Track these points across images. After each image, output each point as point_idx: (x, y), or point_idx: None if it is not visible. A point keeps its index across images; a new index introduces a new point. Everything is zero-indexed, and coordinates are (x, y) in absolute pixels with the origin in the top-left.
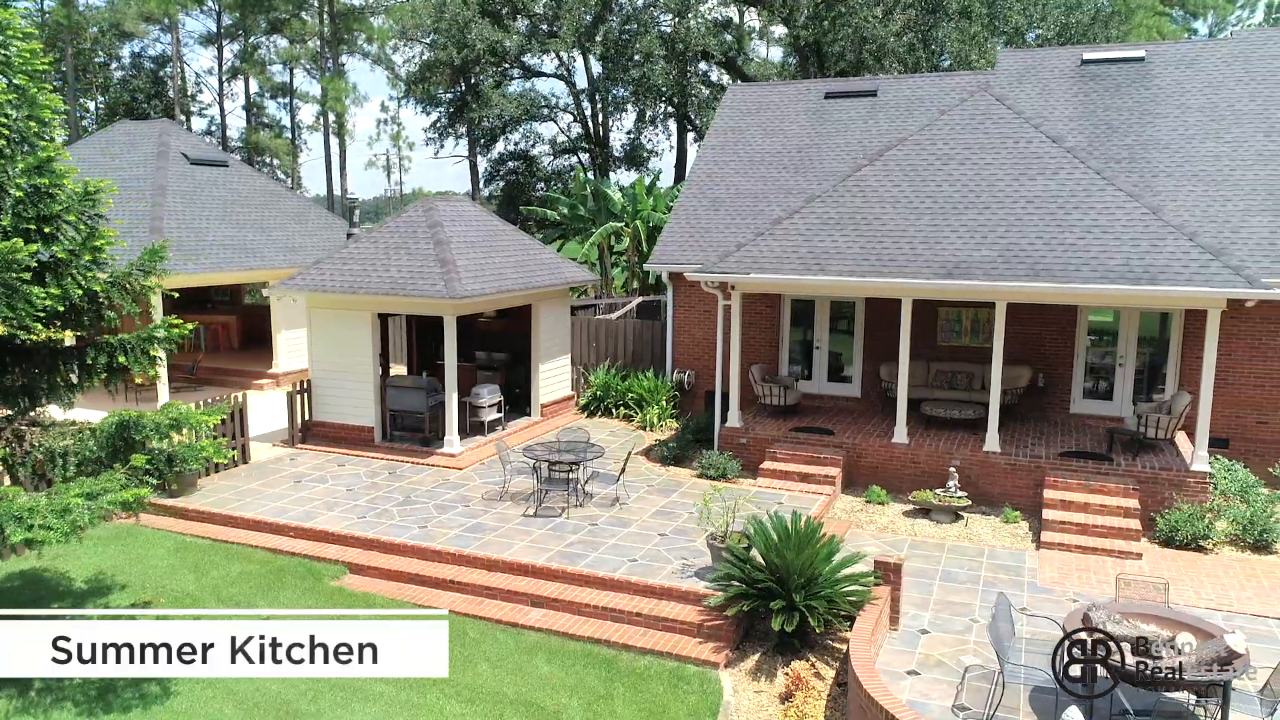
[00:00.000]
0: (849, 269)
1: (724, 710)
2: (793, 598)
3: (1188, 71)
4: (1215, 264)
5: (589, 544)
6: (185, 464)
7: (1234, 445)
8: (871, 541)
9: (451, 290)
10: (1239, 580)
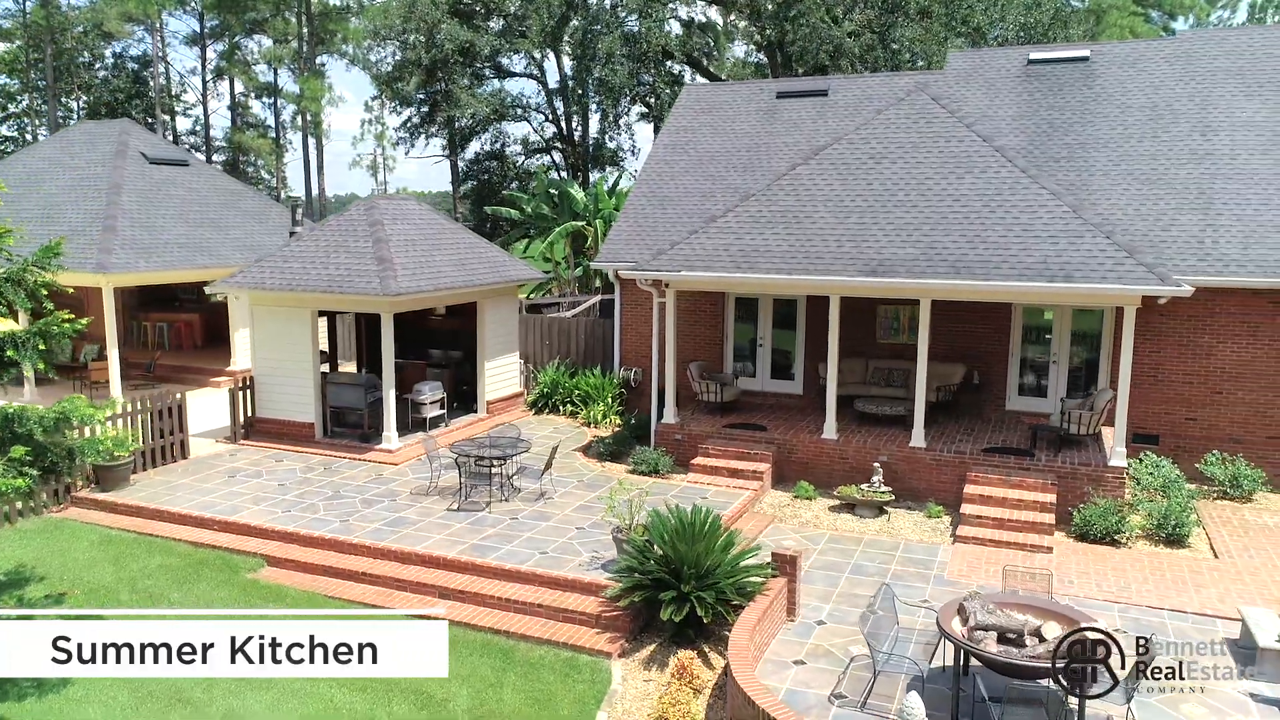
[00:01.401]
0: (777, 267)
1: (609, 698)
2: (682, 588)
3: (1130, 71)
4: (1130, 261)
5: (505, 537)
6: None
7: (1164, 442)
8: (791, 536)
9: (386, 287)
10: (1144, 573)
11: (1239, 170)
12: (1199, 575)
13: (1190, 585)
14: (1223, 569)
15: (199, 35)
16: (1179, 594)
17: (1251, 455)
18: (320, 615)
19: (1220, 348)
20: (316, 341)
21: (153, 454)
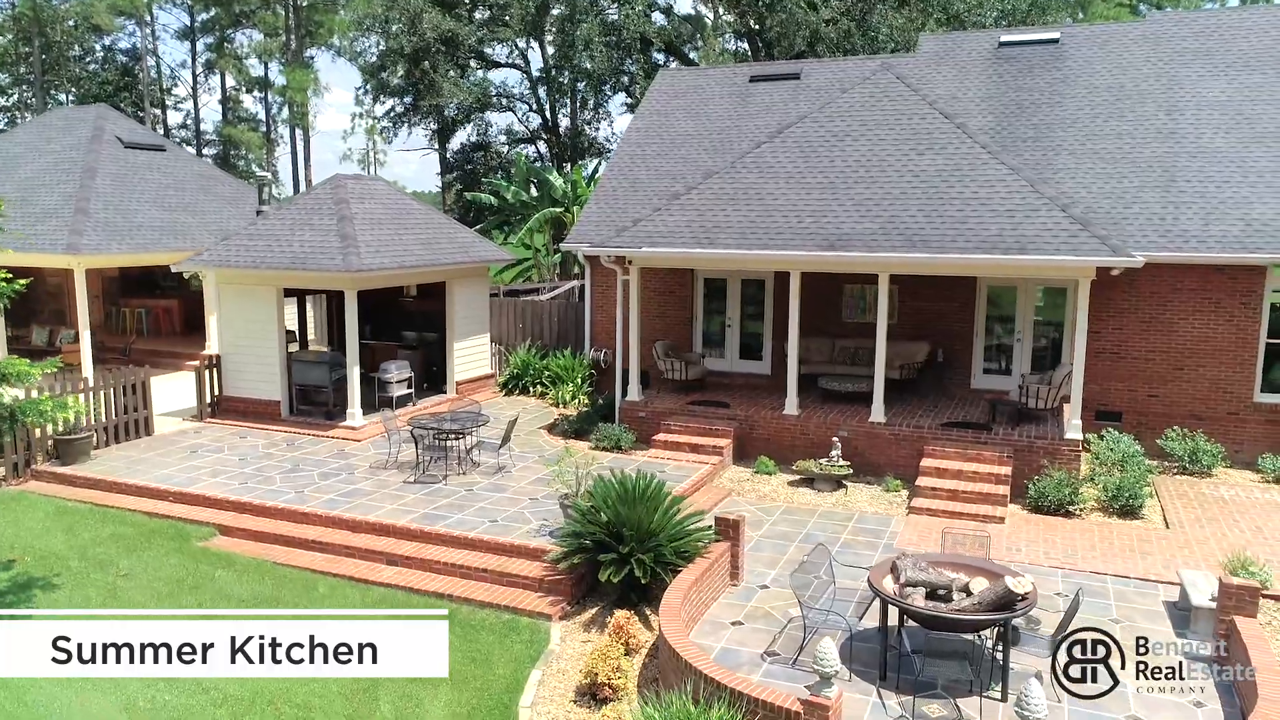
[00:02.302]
0: (737, 242)
1: (545, 657)
2: (620, 550)
3: (1099, 52)
4: (1084, 234)
5: (458, 507)
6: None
7: (1127, 419)
8: (747, 508)
9: (348, 264)
10: (1092, 542)
11: (1202, 149)
12: (1147, 544)
13: (1137, 553)
14: (1171, 538)
15: (189, 29)
16: (1125, 561)
17: (1212, 431)
18: (321, 615)
19: (1182, 324)
20: (282, 320)
21: (116, 430)
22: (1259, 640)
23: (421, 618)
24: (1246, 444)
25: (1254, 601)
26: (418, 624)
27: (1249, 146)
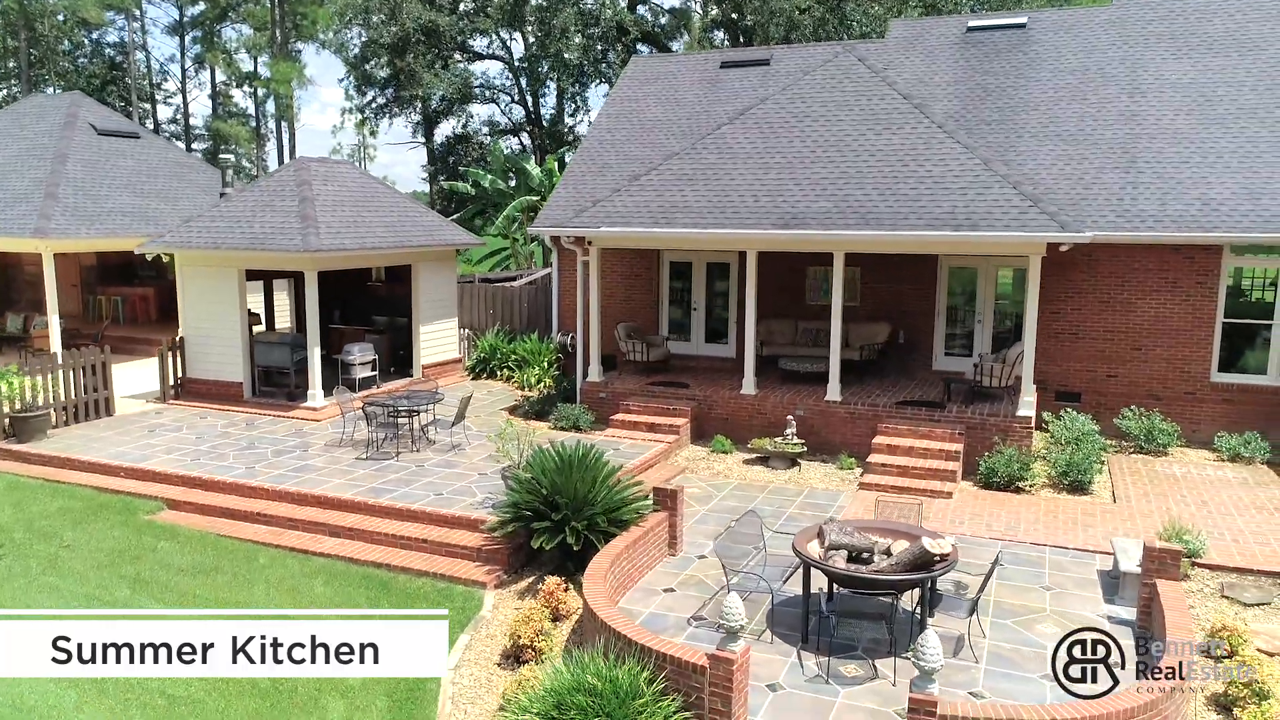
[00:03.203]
0: (694, 221)
1: (475, 623)
2: (553, 517)
3: (1065, 36)
4: (1034, 210)
5: (405, 482)
6: None
7: (1086, 399)
8: (698, 484)
9: (307, 244)
10: (1037, 516)
11: (1163, 130)
12: (1091, 517)
13: (1080, 525)
14: (1116, 512)
15: (179, 24)
16: (1066, 533)
17: (1170, 411)
18: (322, 615)
19: (1140, 304)
20: (244, 301)
21: (76, 410)
22: (1176, 601)
23: (422, 618)
24: (1203, 423)
25: (1176, 565)
26: (419, 624)
27: (1209, 128)
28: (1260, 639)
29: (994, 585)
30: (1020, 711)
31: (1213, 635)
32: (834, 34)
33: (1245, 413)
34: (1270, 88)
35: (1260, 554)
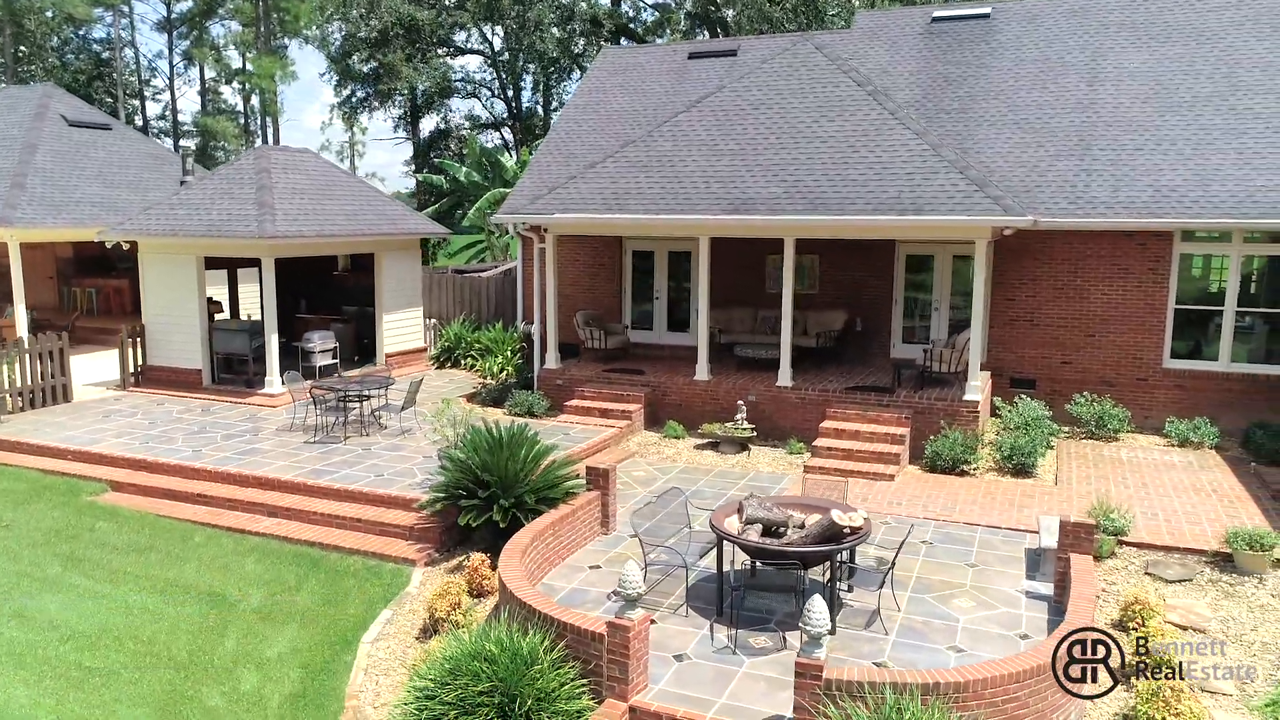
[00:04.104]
0: (646, 207)
1: (399, 599)
2: (480, 494)
3: (1028, 26)
4: (978, 194)
5: (349, 464)
6: None
7: (1040, 385)
8: (645, 468)
9: (263, 230)
10: (976, 497)
11: (1119, 118)
12: (1030, 498)
13: (1017, 506)
14: (1055, 493)
15: (167, 20)
16: (1002, 513)
17: (1123, 397)
18: None
19: (1093, 291)
20: (203, 289)
21: (33, 397)
22: (1085, 574)
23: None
24: (1156, 409)
25: (1090, 539)
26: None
27: (1164, 115)
28: (1175, 613)
29: (920, 562)
30: (902, 675)
31: (1125, 609)
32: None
33: (1197, 399)
34: (1226, 76)
35: (1189, 533)
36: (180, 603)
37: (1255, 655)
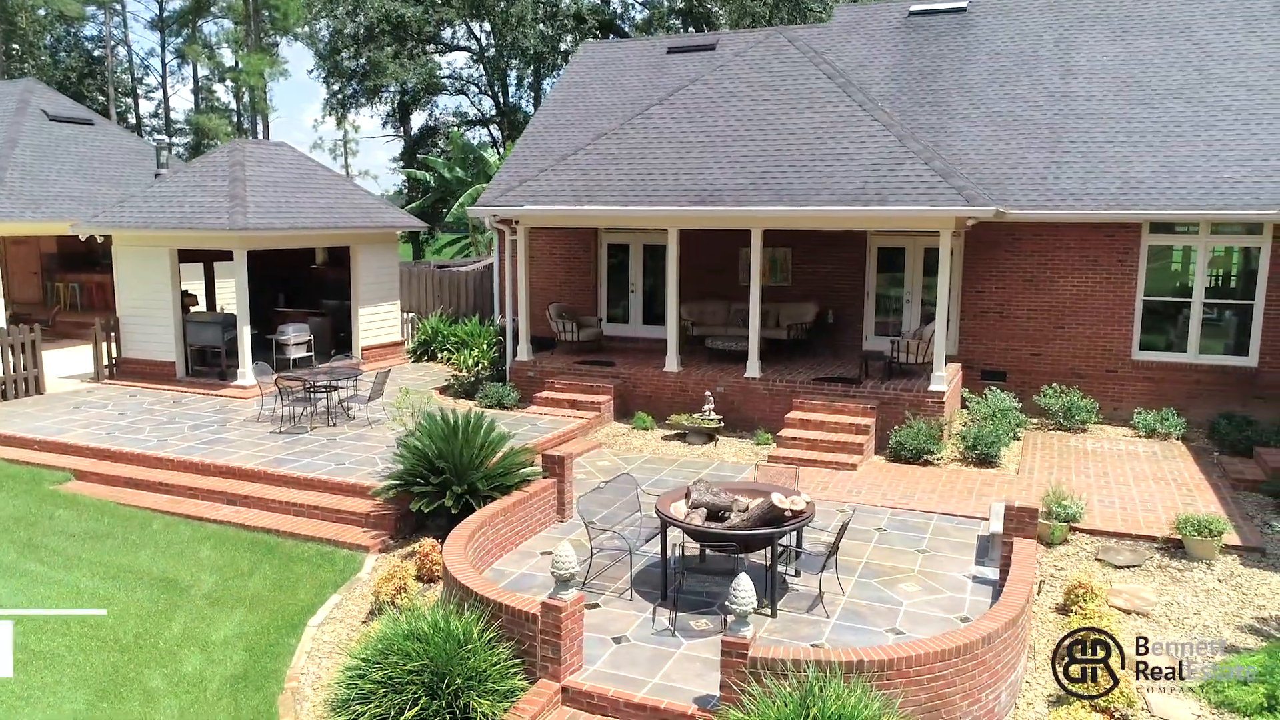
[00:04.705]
0: (615, 199)
1: (350, 584)
2: (432, 480)
3: (1004, 20)
4: (942, 185)
5: (312, 453)
6: None
7: (1011, 377)
8: (611, 458)
9: (234, 222)
10: (935, 486)
11: (1091, 110)
12: (989, 487)
13: (975, 495)
14: (1015, 482)
15: (159, 18)
16: (960, 501)
17: (1092, 388)
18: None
19: (1062, 283)
20: (177, 281)
21: (4, 389)
22: (1026, 557)
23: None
24: (1125, 400)
25: (1032, 523)
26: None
27: (1135, 108)
28: (1120, 598)
29: (871, 548)
30: (826, 653)
31: (1068, 594)
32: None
33: (1166, 390)
34: (1198, 68)
35: (1143, 520)
36: (132, 588)
37: (1196, 638)
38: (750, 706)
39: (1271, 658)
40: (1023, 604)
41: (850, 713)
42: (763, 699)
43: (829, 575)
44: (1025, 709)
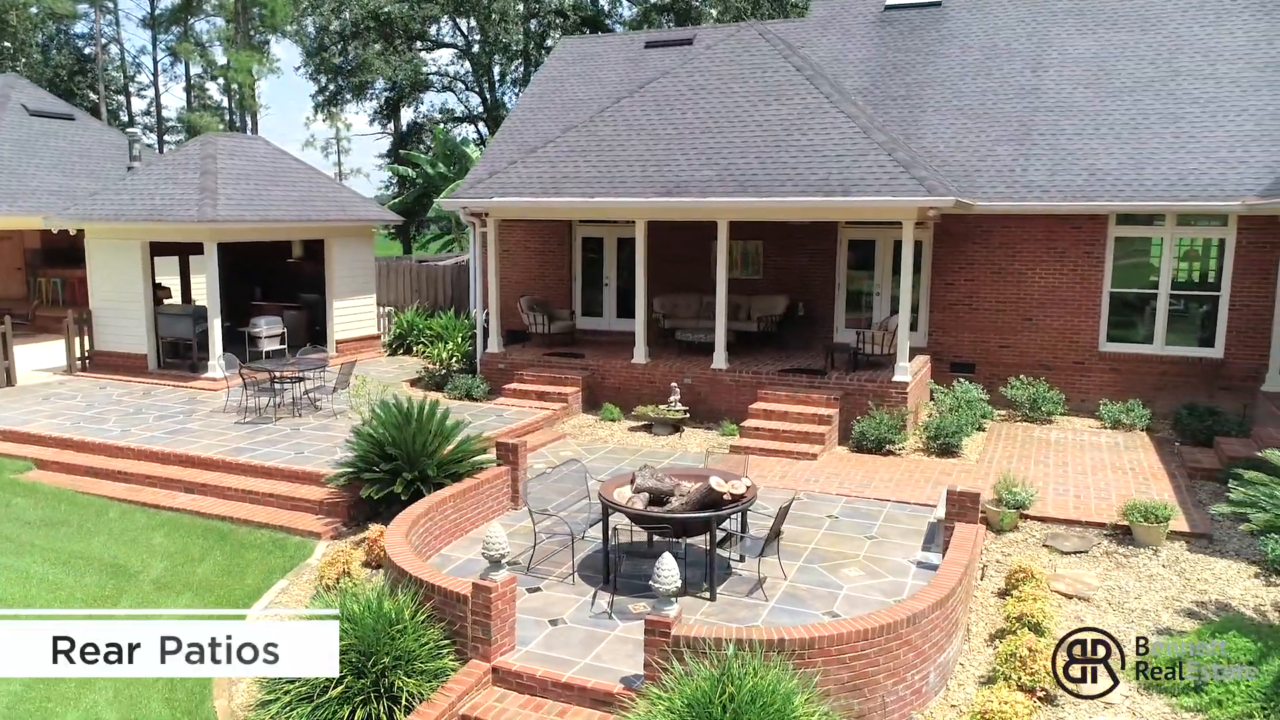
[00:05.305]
0: (582, 191)
1: (298, 569)
2: (383, 468)
3: (978, 14)
4: (904, 175)
5: (273, 442)
6: None
7: (980, 369)
8: (574, 448)
9: (203, 214)
10: (893, 474)
11: (1061, 103)
12: (947, 476)
13: (931, 483)
14: (973, 471)
15: (150, 16)
16: (915, 490)
17: (1059, 380)
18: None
19: (1030, 274)
20: (148, 273)
21: None
22: (964, 541)
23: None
24: (1092, 392)
25: (974, 508)
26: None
27: (1104, 100)
28: (1062, 583)
29: (821, 534)
30: (748, 632)
31: (1009, 578)
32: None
33: (1132, 381)
34: (1168, 61)
35: (1095, 507)
36: (81, 574)
37: (1133, 622)
38: (670, 684)
39: (1200, 638)
40: (953, 585)
41: (765, 689)
42: (682, 677)
43: (774, 560)
44: (956, 690)
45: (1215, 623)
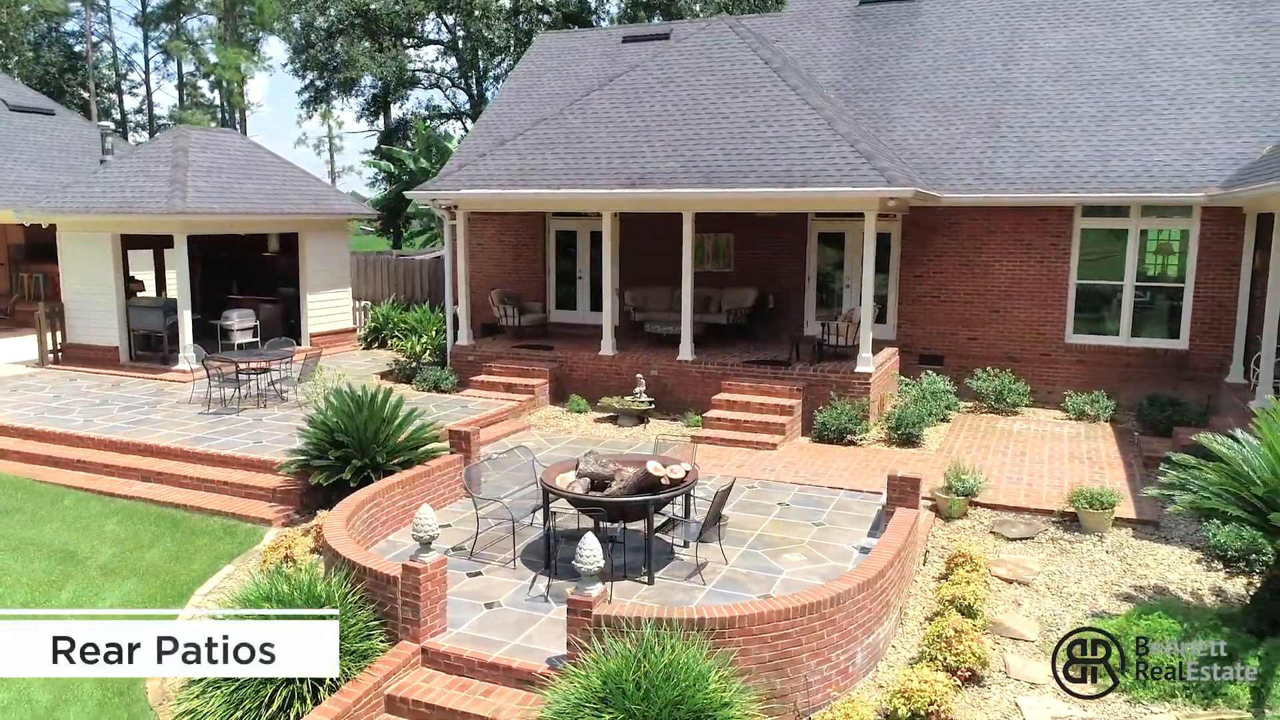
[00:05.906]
0: (549, 183)
1: (246, 555)
2: (333, 455)
3: (952, 8)
4: (865, 166)
5: (233, 432)
6: None
7: (949, 361)
8: (537, 439)
9: (172, 206)
10: (850, 464)
11: (1030, 95)
12: (904, 465)
13: (886, 472)
14: (930, 460)
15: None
16: (870, 479)
17: (1026, 372)
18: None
19: (997, 266)
20: (119, 266)
21: None
22: (901, 525)
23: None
24: (1058, 383)
25: (914, 494)
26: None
27: (1073, 93)
28: (1003, 568)
29: (769, 521)
30: (669, 611)
31: (949, 563)
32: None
33: (1098, 373)
34: (1137, 54)
35: (1045, 495)
36: (30, 559)
37: (1070, 605)
38: (588, 662)
39: (1128, 620)
40: (881, 567)
41: (680, 666)
42: (601, 655)
43: (716, 546)
44: (886, 670)
45: (1146, 605)
